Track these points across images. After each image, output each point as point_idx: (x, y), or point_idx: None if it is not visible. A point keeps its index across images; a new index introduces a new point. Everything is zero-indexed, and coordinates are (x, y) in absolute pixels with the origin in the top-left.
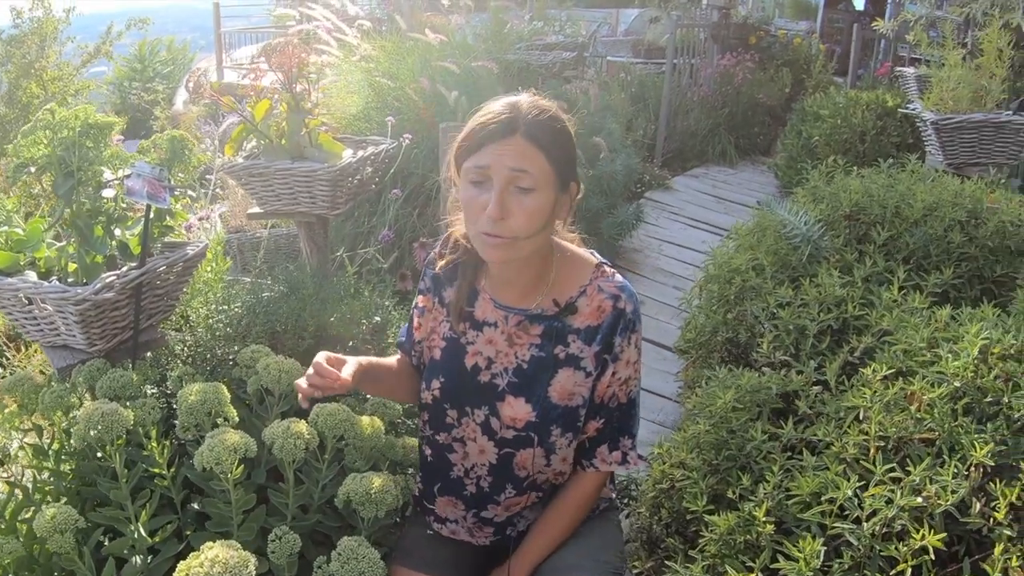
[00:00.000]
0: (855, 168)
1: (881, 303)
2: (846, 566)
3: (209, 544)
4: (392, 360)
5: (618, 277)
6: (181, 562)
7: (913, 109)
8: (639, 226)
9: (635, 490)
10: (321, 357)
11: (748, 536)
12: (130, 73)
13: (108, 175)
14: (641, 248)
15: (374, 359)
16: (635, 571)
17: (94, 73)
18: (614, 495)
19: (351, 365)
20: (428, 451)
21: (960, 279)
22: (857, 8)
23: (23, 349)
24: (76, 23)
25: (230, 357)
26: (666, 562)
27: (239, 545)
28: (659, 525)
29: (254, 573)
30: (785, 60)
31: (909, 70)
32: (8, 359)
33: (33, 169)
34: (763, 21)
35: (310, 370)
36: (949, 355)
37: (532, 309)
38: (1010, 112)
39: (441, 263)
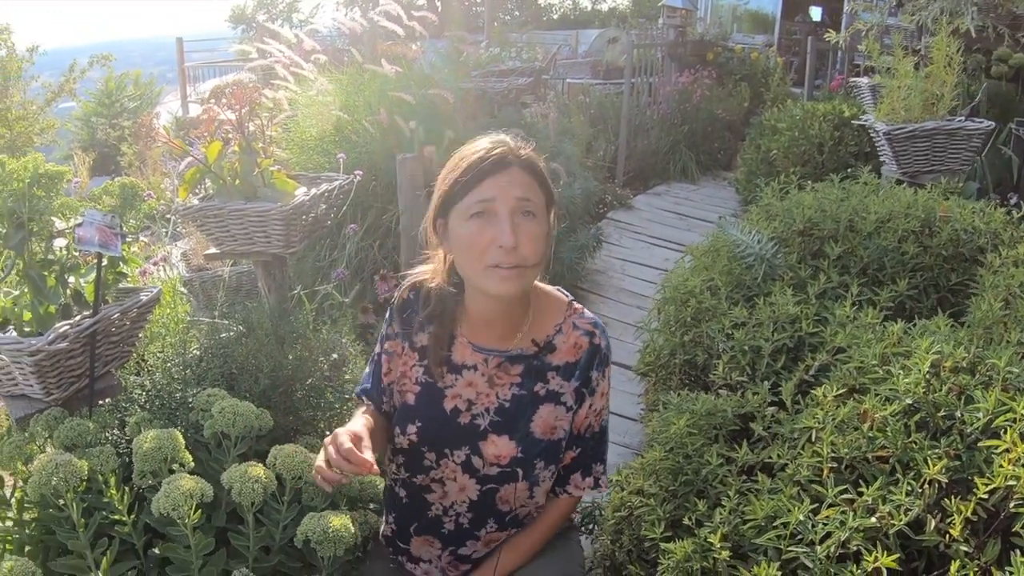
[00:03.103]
0: (810, 182)
1: (835, 320)
2: None
3: None
4: (365, 416)
5: (588, 313)
6: None
7: (866, 121)
8: (601, 247)
9: (599, 515)
10: (344, 439)
11: (705, 563)
12: (97, 109)
13: (60, 224)
14: (604, 269)
15: (366, 422)
16: None
17: (62, 108)
18: (578, 517)
19: (368, 444)
20: (403, 493)
21: (916, 289)
22: (814, 19)
23: None
24: (40, 60)
25: (188, 400)
26: None
27: None
28: (621, 552)
29: None
30: (743, 74)
31: (863, 80)
32: None
33: None
34: (720, 37)
35: (331, 451)
36: (901, 371)
37: (512, 350)
38: (961, 118)
39: (420, 317)
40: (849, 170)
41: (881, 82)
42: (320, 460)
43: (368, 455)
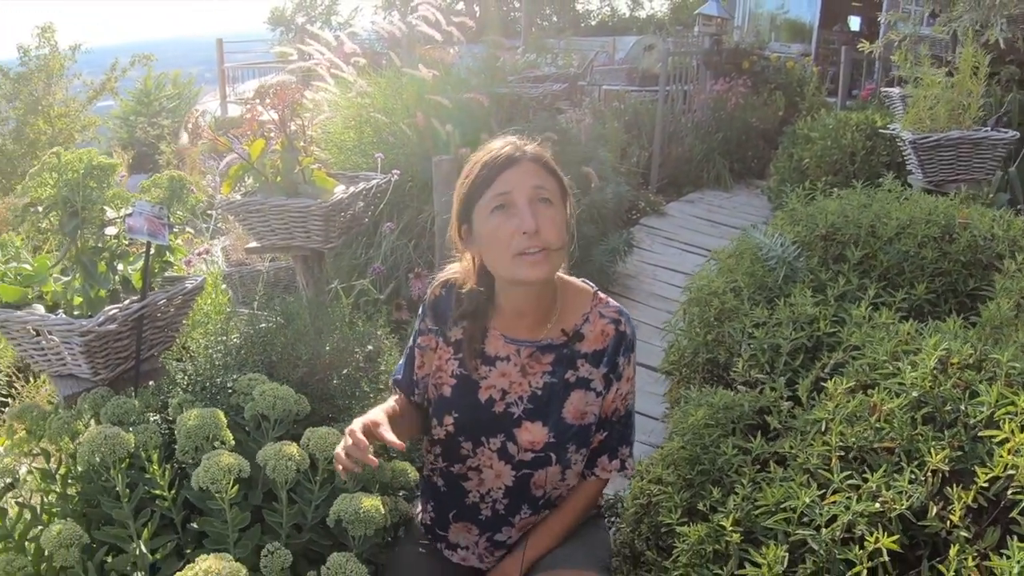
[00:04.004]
0: (836, 189)
1: (851, 320)
2: (808, 571)
3: (203, 556)
4: (393, 403)
5: (612, 302)
6: (178, 571)
7: (893, 129)
8: (633, 252)
9: (620, 508)
10: (357, 425)
11: (717, 546)
12: (136, 107)
13: (111, 214)
14: (635, 274)
15: (388, 407)
16: None
17: (101, 107)
18: (602, 506)
19: (386, 426)
20: (440, 482)
21: (934, 294)
22: (852, 29)
23: (31, 380)
24: (82, 59)
25: (228, 385)
26: (645, 574)
27: (231, 557)
28: (640, 539)
29: None
30: (778, 83)
31: (895, 90)
32: (17, 390)
33: (40, 209)
34: (756, 45)
35: (348, 441)
36: (909, 367)
37: (542, 340)
38: (987, 128)
39: (453, 315)
40: (880, 180)
41: (909, 92)
42: (339, 448)
43: (388, 434)
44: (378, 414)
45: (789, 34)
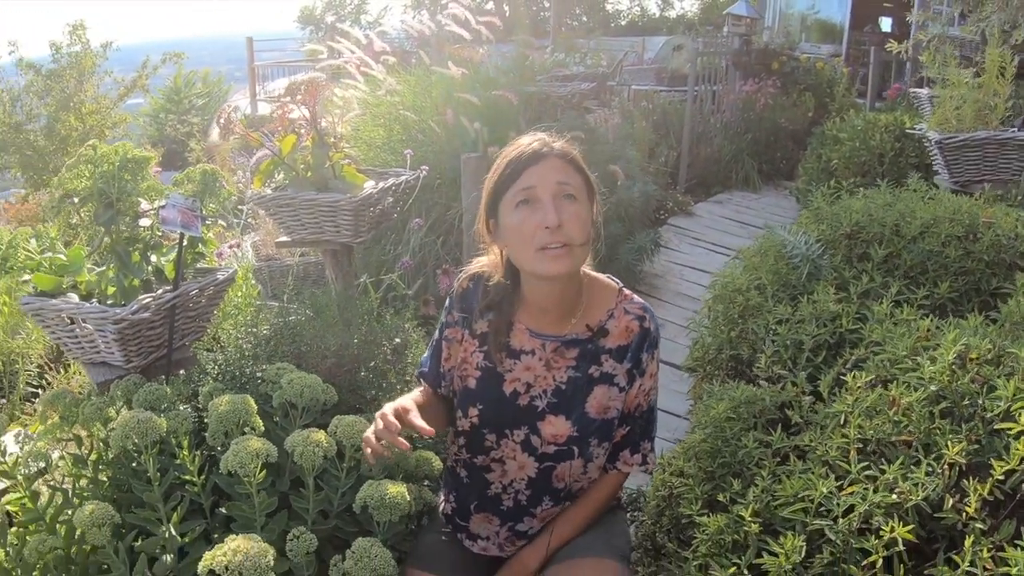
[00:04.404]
0: (862, 189)
1: (873, 317)
2: (825, 560)
3: (232, 536)
4: (419, 394)
5: (637, 299)
6: (207, 552)
7: (919, 129)
8: (660, 252)
9: (642, 502)
10: (388, 409)
11: (736, 536)
12: (166, 105)
13: (145, 205)
14: (662, 273)
15: (415, 396)
16: (638, 575)
17: (131, 105)
18: (624, 498)
19: (416, 413)
20: (464, 473)
21: (957, 293)
22: (883, 30)
23: (63, 371)
24: (113, 57)
25: (258, 375)
26: (666, 565)
27: (259, 538)
28: (661, 532)
29: (271, 563)
30: (808, 84)
31: (923, 91)
32: (48, 382)
33: (76, 200)
34: (786, 46)
35: (379, 424)
36: (927, 361)
37: (567, 335)
38: (1015, 128)
39: (479, 307)
40: (906, 180)
41: (937, 92)
42: (369, 432)
43: (417, 420)
44: (408, 401)
45: (819, 35)
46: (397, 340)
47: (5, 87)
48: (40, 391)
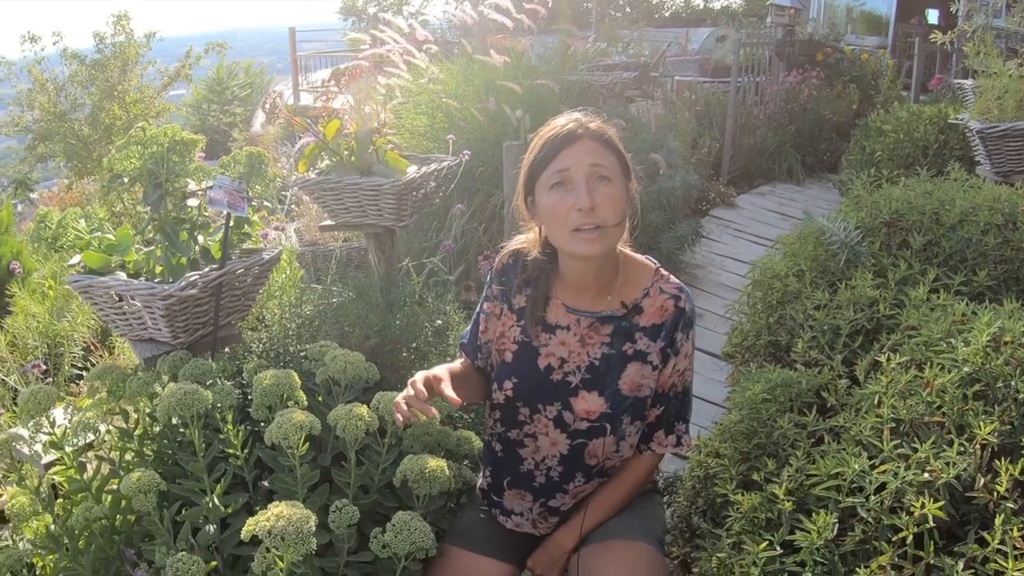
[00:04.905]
0: (902, 177)
1: (910, 302)
2: (857, 538)
3: (275, 503)
4: (458, 365)
5: (674, 279)
6: (252, 514)
7: (961, 119)
8: (702, 242)
9: (678, 486)
10: (419, 377)
11: (769, 514)
12: (209, 96)
13: (192, 186)
14: (704, 264)
15: (452, 366)
16: (672, 556)
17: (174, 96)
18: (660, 483)
19: (447, 383)
20: (498, 447)
21: (995, 281)
22: (930, 22)
23: (108, 354)
24: (156, 47)
25: (301, 354)
26: (700, 544)
27: (302, 505)
28: (696, 513)
29: (313, 528)
30: (852, 76)
31: (967, 82)
32: (93, 363)
33: (126, 180)
34: (830, 37)
35: (409, 390)
36: (961, 343)
37: (602, 311)
38: None
39: (518, 280)
40: (946, 169)
41: (979, 82)
42: (399, 397)
43: (447, 390)
44: (441, 370)
45: (865, 27)
46: (439, 322)
47: (50, 77)
48: (84, 373)
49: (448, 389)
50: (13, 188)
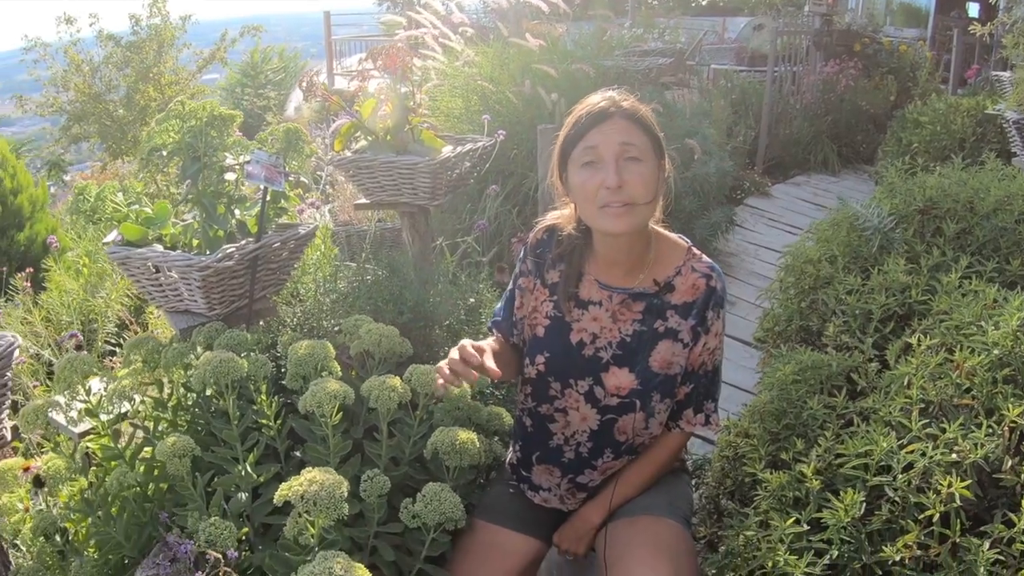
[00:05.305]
0: (937, 166)
1: (942, 288)
2: (884, 517)
3: (308, 468)
4: (494, 342)
5: (706, 258)
6: (284, 483)
7: (998, 110)
8: (736, 231)
9: (707, 468)
10: (466, 343)
11: (797, 492)
12: (243, 80)
13: (230, 160)
14: (737, 252)
15: (488, 342)
16: (699, 536)
17: (208, 80)
18: (688, 462)
19: (489, 355)
20: (528, 422)
21: None
22: (970, 15)
23: (143, 329)
24: (192, 30)
25: (335, 328)
26: (728, 522)
27: (334, 471)
28: (724, 494)
29: (345, 493)
30: (890, 68)
31: (1006, 74)
32: (127, 340)
33: (164, 153)
34: (868, 28)
35: (454, 354)
36: (991, 327)
37: (634, 288)
38: None
39: (551, 255)
40: (981, 159)
41: (1017, 74)
42: (443, 363)
43: (488, 361)
44: (484, 344)
45: (904, 18)
46: (472, 300)
47: (85, 58)
48: (117, 349)
49: (490, 360)
50: (47, 170)
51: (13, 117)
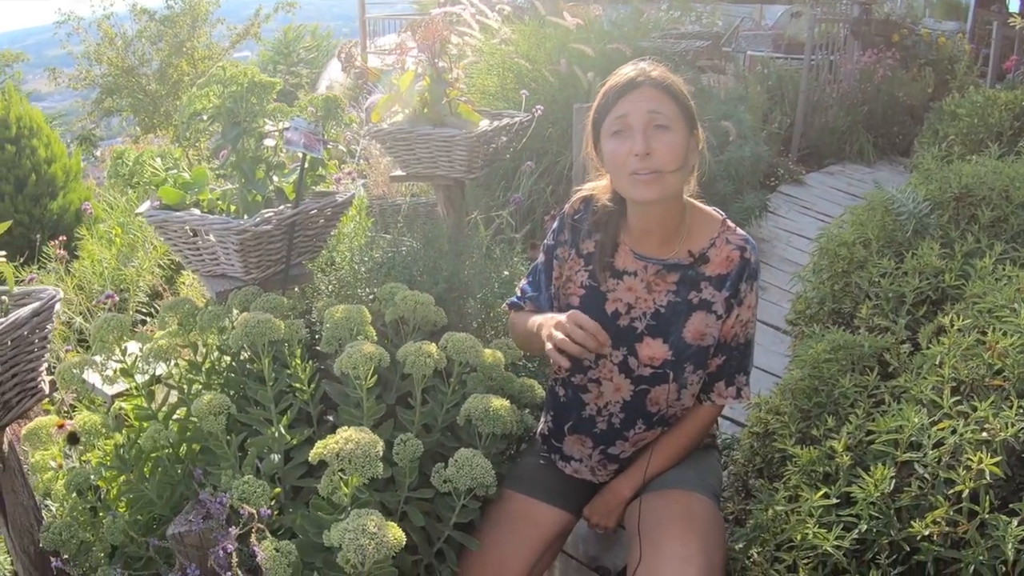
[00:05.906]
0: (973, 156)
1: (976, 272)
2: (913, 493)
3: (344, 427)
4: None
5: (740, 231)
6: (319, 441)
7: None
8: (768, 217)
9: (736, 448)
10: (586, 319)
11: (827, 468)
12: (275, 57)
13: (270, 126)
14: (769, 239)
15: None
16: (727, 512)
17: (239, 57)
18: (718, 440)
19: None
20: (562, 392)
21: None
22: (1011, 10)
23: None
24: (225, 6)
25: (370, 296)
26: (756, 496)
27: (369, 430)
28: (752, 472)
29: (380, 453)
30: (928, 59)
31: None
32: (157, 309)
33: (205, 117)
34: (907, 19)
35: (572, 328)
36: None
37: (669, 259)
38: None
39: (587, 224)
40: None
41: None
42: (558, 335)
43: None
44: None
45: (943, 11)
46: (506, 273)
47: (119, 32)
48: (148, 319)
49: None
50: (77, 144)
51: (44, 92)
